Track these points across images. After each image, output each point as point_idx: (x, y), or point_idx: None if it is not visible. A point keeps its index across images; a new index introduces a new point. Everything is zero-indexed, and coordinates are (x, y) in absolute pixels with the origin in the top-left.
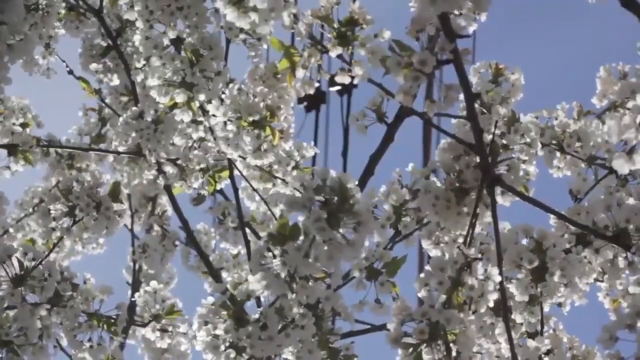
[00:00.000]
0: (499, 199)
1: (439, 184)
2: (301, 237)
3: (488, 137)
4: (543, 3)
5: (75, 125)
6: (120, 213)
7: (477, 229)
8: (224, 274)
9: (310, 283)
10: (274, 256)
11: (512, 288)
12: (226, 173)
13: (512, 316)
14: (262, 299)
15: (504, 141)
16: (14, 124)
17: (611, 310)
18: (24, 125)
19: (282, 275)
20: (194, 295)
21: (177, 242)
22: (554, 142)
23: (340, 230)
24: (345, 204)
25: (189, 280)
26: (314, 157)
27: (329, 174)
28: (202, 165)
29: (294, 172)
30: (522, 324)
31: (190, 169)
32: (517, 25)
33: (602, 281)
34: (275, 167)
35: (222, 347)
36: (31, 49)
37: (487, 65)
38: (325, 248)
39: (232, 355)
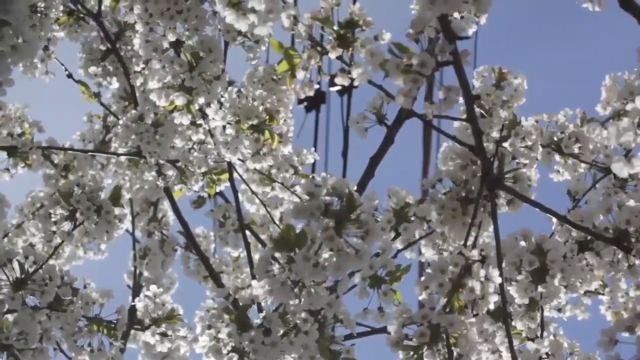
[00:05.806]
0: (504, 208)
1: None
2: (307, 245)
3: (489, 142)
4: (548, 7)
5: (78, 131)
6: (120, 217)
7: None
8: (224, 278)
9: (313, 290)
10: (278, 263)
11: (512, 291)
12: (226, 175)
13: (513, 323)
14: (263, 304)
15: (504, 144)
16: (10, 133)
17: (613, 322)
18: (21, 135)
19: (288, 282)
20: (195, 300)
21: (176, 247)
22: (554, 140)
23: (347, 238)
24: (351, 213)
25: (190, 285)
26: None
27: (334, 182)
28: (203, 169)
29: (294, 178)
30: (522, 331)
31: (190, 172)
32: (520, 30)
33: (603, 294)
34: (274, 171)
35: (225, 351)
36: (35, 51)
37: (490, 69)
38: (334, 259)
39: (235, 359)
